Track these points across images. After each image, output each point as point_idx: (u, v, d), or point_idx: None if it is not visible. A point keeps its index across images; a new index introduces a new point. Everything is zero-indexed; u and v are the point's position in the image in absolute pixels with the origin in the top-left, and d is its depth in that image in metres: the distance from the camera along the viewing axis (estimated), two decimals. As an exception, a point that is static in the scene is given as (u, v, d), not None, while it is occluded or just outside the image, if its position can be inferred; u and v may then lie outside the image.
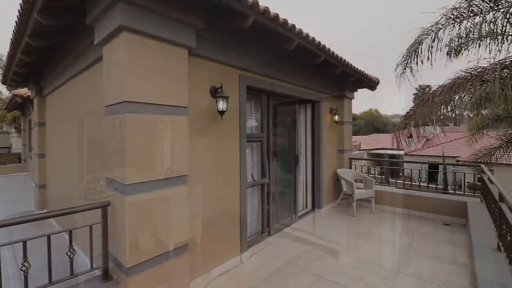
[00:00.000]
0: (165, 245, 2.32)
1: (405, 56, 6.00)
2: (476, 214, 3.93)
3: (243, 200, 3.41)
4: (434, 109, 5.63)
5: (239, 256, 3.33)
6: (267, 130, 4.15)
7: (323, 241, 3.96)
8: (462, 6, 5.40)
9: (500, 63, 5.45)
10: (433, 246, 3.75)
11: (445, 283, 2.83)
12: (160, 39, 2.28)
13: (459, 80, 5.63)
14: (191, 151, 2.74)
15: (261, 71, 3.72)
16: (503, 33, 5.89)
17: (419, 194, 5.23)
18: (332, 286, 2.81)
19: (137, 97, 2.12)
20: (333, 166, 5.92)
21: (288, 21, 3.02)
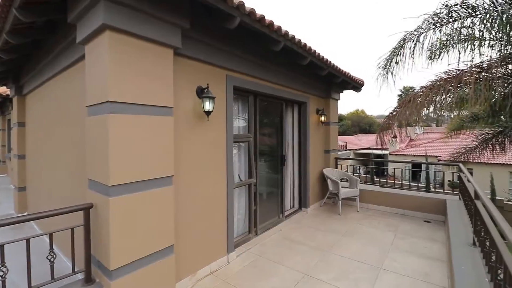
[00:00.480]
0: (150, 246, 2.30)
1: (387, 57, 6.18)
2: (454, 211, 4.11)
3: (229, 200, 3.42)
4: (417, 110, 5.84)
5: (225, 256, 3.34)
6: (254, 130, 4.18)
7: (309, 240, 4.02)
8: (443, 12, 5.63)
9: (477, 66, 5.71)
10: (414, 242, 3.89)
11: (424, 278, 2.95)
12: (145, 38, 2.26)
13: (439, 82, 5.86)
14: (177, 151, 2.73)
15: (248, 71, 3.74)
16: (479, 38, 6.18)
17: (401, 193, 5.41)
18: (317, 283, 2.87)
19: (121, 97, 2.10)
20: (319, 165, 6.02)
21: (274, 22, 3.06)
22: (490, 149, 8.12)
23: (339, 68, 5.03)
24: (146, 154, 2.26)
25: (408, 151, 20.74)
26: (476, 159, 8.15)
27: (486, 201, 2.19)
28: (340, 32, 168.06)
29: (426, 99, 5.82)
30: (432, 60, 7.05)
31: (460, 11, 5.52)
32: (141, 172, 2.22)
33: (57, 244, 3.06)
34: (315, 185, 5.81)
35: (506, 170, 15.15)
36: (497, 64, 5.33)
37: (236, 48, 3.42)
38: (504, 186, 14.47)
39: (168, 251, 2.46)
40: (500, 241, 1.84)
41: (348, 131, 42.51)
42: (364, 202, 5.65)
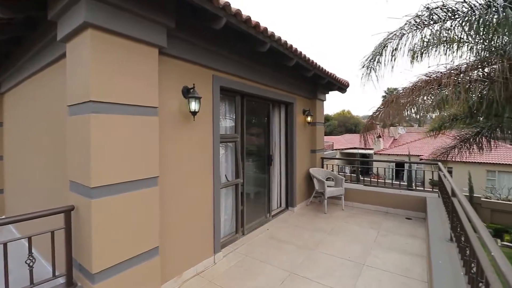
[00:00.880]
0: (134, 248, 2.27)
1: (369, 58, 6.33)
2: (433, 208, 4.28)
3: (216, 200, 3.42)
4: (399, 111, 6.03)
5: (212, 257, 3.33)
6: (241, 130, 4.19)
7: (295, 239, 4.08)
8: (424, 14, 5.83)
9: (455, 69, 5.95)
10: (396, 239, 4.02)
11: (405, 273, 3.06)
12: (128, 37, 2.23)
13: (419, 84, 6.08)
14: (163, 152, 2.70)
15: (235, 72, 3.75)
16: (458, 40, 6.46)
17: (385, 191, 5.57)
18: (303, 281, 2.92)
19: (103, 97, 2.06)
20: (306, 165, 6.10)
21: (260, 23, 3.09)
22: (468, 148, 8.51)
23: (324, 70, 5.12)
24: (130, 155, 2.23)
25: (392, 150, 21.33)
26: (455, 158, 8.50)
27: (461, 199, 2.31)
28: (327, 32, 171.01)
29: (408, 100, 6.03)
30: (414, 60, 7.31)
31: (441, 14, 5.74)
32: (125, 173, 2.19)
33: (37, 248, 2.96)
34: (302, 184, 5.89)
35: (483, 168, 15.88)
36: (474, 67, 5.59)
37: (223, 49, 3.42)
38: (481, 184, 15.18)
39: (153, 253, 2.43)
40: (473, 236, 1.94)
41: (334, 131, 43.24)
42: (349, 201, 5.79)
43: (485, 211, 12.08)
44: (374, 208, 5.53)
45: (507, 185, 14.75)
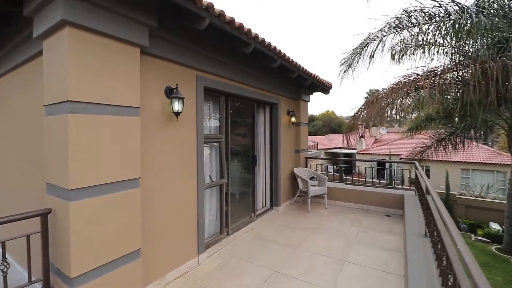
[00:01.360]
0: (115, 251, 2.23)
1: (348, 57, 6.49)
2: (410, 205, 4.48)
3: (200, 201, 3.41)
4: (380, 111, 6.24)
5: (196, 258, 3.32)
6: (225, 131, 4.19)
7: (279, 238, 4.14)
8: (403, 17, 6.05)
9: (432, 71, 6.22)
10: (376, 236, 4.17)
11: (384, 268, 3.19)
12: (109, 36, 2.19)
13: (398, 86, 6.31)
14: (145, 153, 2.67)
15: (219, 72, 3.75)
16: (434, 44, 6.77)
17: (365, 189, 5.76)
18: (286, 279, 2.97)
19: (82, 97, 2.01)
20: (290, 165, 6.19)
21: (244, 25, 3.11)
22: (444, 148, 8.94)
23: (308, 71, 5.21)
24: (110, 156, 2.19)
25: (374, 150, 22.00)
26: (431, 157, 8.89)
27: (434, 196, 2.44)
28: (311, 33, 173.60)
29: (387, 102, 6.25)
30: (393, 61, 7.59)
31: (419, 18, 5.98)
32: (105, 175, 2.15)
33: (12, 254, 2.85)
34: (286, 184, 5.97)
35: (458, 167, 16.71)
36: (449, 70, 5.88)
37: (207, 49, 3.42)
38: (457, 181, 15.97)
39: (135, 255, 2.40)
40: (444, 231, 2.06)
41: (319, 132, 43.99)
42: (332, 199, 5.93)
43: (460, 208, 12.71)
44: (355, 206, 5.69)
45: (480, 182, 15.61)
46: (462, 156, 16.10)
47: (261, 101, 5.23)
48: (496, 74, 4.82)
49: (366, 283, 2.89)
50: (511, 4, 5.61)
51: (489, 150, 17.30)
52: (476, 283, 1.09)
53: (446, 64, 6.36)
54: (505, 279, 8.01)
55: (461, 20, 5.34)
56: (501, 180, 15.49)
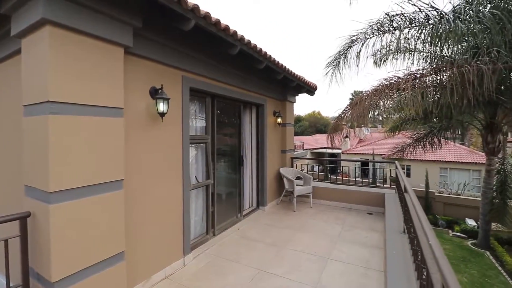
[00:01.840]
0: (98, 254, 2.20)
1: (333, 59, 6.63)
2: (391, 203, 4.66)
3: (186, 202, 3.40)
4: (363, 113, 6.42)
5: (182, 259, 3.31)
6: (211, 131, 4.20)
7: (265, 237, 4.19)
8: (385, 20, 6.25)
9: (412, 74, 6.47)
10: (358, 233, 4.31)
11: (365, 264, 3.31)
12: (91, 35, 2.15)
13: (381, 88, 6.51)
14: (130, 154, 2.64)
15: (205, 73, 3.76)
16: (414, 47, 7.05)
17: (349, 188, 5.92)
18: (271, 277, 3.03)
19: (63, 97, 1.97)
20: (276, 165, 6.26)
21: (229, 27, 3.14)
22: (423, 147, 9.32)
23: (293, 73, 5.30)
24: (92, 157, 2.15)
25: (358, 150, 22.56)
26: (411, 156, 9.23)
27: (411, 194, 2.56)
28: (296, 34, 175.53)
29: (370, 103, 6.44)
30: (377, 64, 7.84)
31: (400, 22, 6.20)
32: (87, 177, 2.11)
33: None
34: (272, 184, 6.04)
35: (437, 166, 17.44)
36: (428, 73, 6.14)
37: (193, 50, 3.41)
38: (436, 180, 16.65)
39: (119, 258, 2.37)
40: (419, 228, 2.17)
41: (306, 132, 44.56)
42: (317, 198, 6.05)
43: (439, 205, 13.26)
44: (339, 205, 5.84)
45: (457, 180, 16.36)
46: (441, 156, 16.84)
47: (247, 102, 5.27)
48: (471, 77, 5.10)
49: (348, 279, 2.99)
50: (485, 11, 5.93)
51: (466, 150, 18.17)
52: (445, 275, 1.18)
53: (425, 68, 6.63)
54: (480, 272, 8.46)
55: (440, 25, 5.58)
56: (477, 178, 16.31)
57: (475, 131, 14.84)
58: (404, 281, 2.24)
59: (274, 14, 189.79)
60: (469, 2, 5.82)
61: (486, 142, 9.31)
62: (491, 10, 5.42)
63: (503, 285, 7.79)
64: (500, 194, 9.38)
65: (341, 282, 2.93)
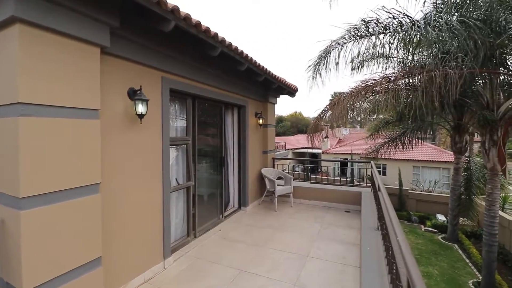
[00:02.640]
0: (73, 261, 2.13)
1: (314, 62, 6.79)
2: (367, 201, 4.87)
3: (166, 204, 3.37)
4: (341, 113, 6.64)
5: (161, 263, 3.27)
6: (192, 133, 4.17)
7: (246, 237, 4.23)
8: (362, 26, 6.50)
9: (386, 77, 6.77)
10: (336, 231, 4.47)
11: (342, 260, 3.44)
12: (66, 35, 2.08)
13: (357, 90, 6.76)
14: (107, 157, 2.58)
15: (186, 74, 3.73)
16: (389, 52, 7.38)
17: (328, 188, 6.11)
18: (252, 277, 3.07)
19: (35, 98, 1.89)
20: (258, 166, 6.32)
21: (210, 29, 3.14)
22: (395, 147, 9.80)
23: (274, 75, 5.38)
24: (67, 161, 2.08)
25: (337, 150, 23.21)
26: (385, 156, 9.67)
27: (383, 193, 2.72)
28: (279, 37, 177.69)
29: (348, 104, 6.68)
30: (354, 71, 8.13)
31: (375, 28, 6.48)
32: (61, 181, 2.04)
33: None
34: (254, 184, 6.09)
35: (410, 164, 18.37)
36: (401, 77, 6.46)
37: (173, 51, 3.38)
38: (409, 178, 17.53)
39: (95, 264, 2.31)
40: (389, 225, 2.31)
41: (287, 132, 45.15)
42: (297, 198, 6.19)
43: (412, 202, 13.96)
44: (319, 204, 6.01)
45: (428, 178, 17.32)
46: (414, 155, 17.74)
47: (229, 103, 5.28)
48: (440, 81, 5.45)
49: (326, 275, 3.11)
50: (453, 19, 6.34)
51: (436, 149, 19.27)
52: (409, 268, 1.28)
53: (398, 72, 6.97)
54: (449, 264, 9.03)
55: (412, 31, 5.90)
56: (446, 176, 17.35)
57: (444, 132, 15.78)
58: (377, 276, 2.37)
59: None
60: (438, 11, 6.19)
61: (454, 142, 9.96)
62: (458, 18, 5.80)
63: (470, 275, 8.37)
64: (466, 191, 10.07)
65: (319, 279, 3.03)
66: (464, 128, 9.54)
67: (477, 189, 10.01)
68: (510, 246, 9.13)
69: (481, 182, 9.94)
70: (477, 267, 8.58)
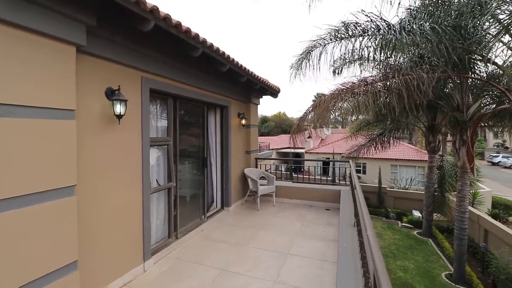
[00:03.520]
0: (47, 266, 2.07)
1: (297, 61, 6.89)
2: (345, 199, 5.04)
3: (146, 206, 3.33)
4: (323, 114, 6.80)
5: (141, 265, 3.23)
6: (173, 133, 4.14)
7: (229, 237, 4.26)
8: (342, 28, 6.67)
9: (364, 80, 7.00)
10: (317, 228, 4.60)
11: (322, 257, 3.56)
12: (38, 32, 2.02)
13: (337, 92, 6.94)
14: (84, 158, 2.52)
15: (167, 74, 3.70)
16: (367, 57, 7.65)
17: (309, 187, 6.26)
18: (233, 276, 3.11)
19: (4, 98, 1.83)
20: (241, 166, 6.36)
21: (191, 29, 3.15)
22: (375, 146, 10.18)
23: (256, 76, 5.44)
24: (39, 163, 2.02)
25: (320, 149, 23.69)
26: (365, 155, 10.02)
27: (358, 191, 2.85)
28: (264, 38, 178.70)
29: (329, 106, 6.85)
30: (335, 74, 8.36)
31: (355, 31, 6.67)
32: (33, 184, 1.98)
33: None
34: (237, 184, 6.12)
35: (388, 163, 19.10)
36: (379, 79, 6.72)
37: (154, 51, 3.35)
38: (387, 176, 18.21)
39: (71, 268, 2.25)
40: (362, 221, 2.43)
41: (272, 132, 45.47)
42: (280, 197, 6.29)
43: (390, 199, 14.52)
44: (301, 203, 6.14)
45: (405, 176, 18.08)
46: (392, 154, 18.45)
47: (211, 104, 5.28)
48: (415, 84, 5.74)
49: (305, 271, 3.20)
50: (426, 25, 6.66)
51: (413, 149, 20.15)
52: (375, 261, 1.37)
53: (377, 74, 7.24)
54: (424, 258, 9.48)
55: (388, 35, 6.14)
56: (421, 174, 18.19)
57: (420, 132, 16.53)
58: (352, 270, 2.49)
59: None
60: (413, 16, 6.47)
61: (428, 142, 10.47)
62: (431, 24, 6.10)
63: (443, 268, 8.84)
64: (439, 188, 10.62)
65: (299, 275, 3.12)
66: (437, 128, 10.07)
67: (450, 186, 10.57)
68: (479, 239, 9.73)
69: (453, 180, 10.51)
70: (450, 260, 9.08)
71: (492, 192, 14.61)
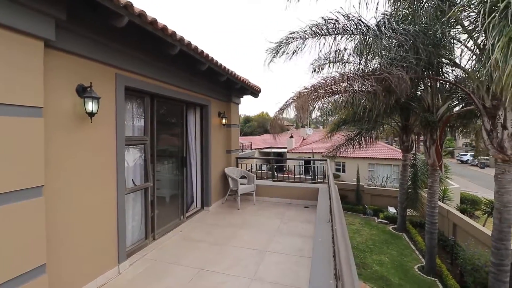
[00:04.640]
0: (11, 271, 1.97)
1: (272, 52, 6.85)
2: (323, 197, 5.18)
3: (120, 207, 3.24)
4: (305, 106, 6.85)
5: (116, 267, 3.15)
6: (151, 132, 4.06)
7: (208, 237, 4.25)
8: (321, 24, 6.77)
9: (342, 75, 7.13)
10: (295, 225, 4.69)
11: (299, 253, 3.64)
12: (2, 26, 1.93)
13: (318, 84, 6.98)
14: (53, 157, 2.43)
15: (144, 72, 3.63)
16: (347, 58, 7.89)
17: (289, 185, 6.37)
18: (211, 275, 3.11)
19: (-37, 95, 1.73)
20: (221, 165, 6.35)
21: (168, 27, 3.10)
22: (353, 146, 10.53)
23: (237, 75, 5.45)
24: (2, 162, 1.92)
25: (301, 149, 24.11)
26: (343, 154, 10.33)
27: (332, 189, 2.95)
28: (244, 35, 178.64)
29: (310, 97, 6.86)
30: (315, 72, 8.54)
31: (334, 30, 6.80)
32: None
33: None
34: (218, 184, 6.10)
35: (366, 162, 19.81)
36: (358, 77, 6.91)
37: (129, 47, 3.28)
38: (365, 174, 18.87)
39: (39, 272, 2.16)
40: (333, 215, 2.52)
41: (254, 132, 45.59)
42: (260, 196, 6.34)
43: (367, 196, 15.06)
44: (281, 201, 6.24)
45: (381, 174, 18.83)
46: (369, 153, 19.14)
47: (191, 103, 5.23)
48: (389, 85, 6.01)
49: (283, 267, 3.27)
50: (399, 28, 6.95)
51: (389, 148, 21.03)
52: (339, 253, 1.44)
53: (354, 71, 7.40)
54: (398, 252, 9.94)
55: (367, 36, 6.33)
56: (396, 172, 19.01)
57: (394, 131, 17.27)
58: (326, 264, 2.57)
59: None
60: (388, 20, 6.71)
61: (402, 141, 10.98)
62: (404, 27, 6.37)
63: (415, 261, 9.31)
64: (413, 185, 11.16)
65: (276, 271, 3.18)
66: (411, 128, 10.59)
67: (422, 183, 11.13)
68: (449, 232, 10.34)
69: (425, 177, 11.07)
70: (422, 253, 9.58)
71: (460, 188, 15.57)
